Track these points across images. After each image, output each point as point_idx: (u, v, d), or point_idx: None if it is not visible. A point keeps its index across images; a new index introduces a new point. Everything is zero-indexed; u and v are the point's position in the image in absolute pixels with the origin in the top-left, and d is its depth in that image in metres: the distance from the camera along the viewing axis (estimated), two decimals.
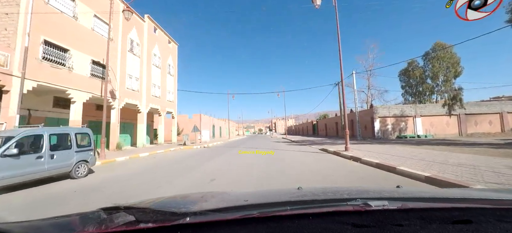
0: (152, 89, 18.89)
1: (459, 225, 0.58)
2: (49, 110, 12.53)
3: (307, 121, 60.07)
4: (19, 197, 4.33)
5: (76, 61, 11.73)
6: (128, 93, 15.81)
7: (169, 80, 22.13)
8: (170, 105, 21.99)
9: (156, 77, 19.61)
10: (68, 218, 0.83)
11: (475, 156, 6.91)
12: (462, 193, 1.16)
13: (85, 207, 3.46)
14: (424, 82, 24.06)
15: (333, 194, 1.11)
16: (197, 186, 4.90)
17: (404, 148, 10.44)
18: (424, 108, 21.33)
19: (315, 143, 17.18)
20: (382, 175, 5.34)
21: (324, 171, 6.02)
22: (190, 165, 8.00)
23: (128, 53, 16.06)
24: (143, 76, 17.68)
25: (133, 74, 16.50)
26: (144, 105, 17.55)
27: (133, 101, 16.25)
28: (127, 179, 5.86)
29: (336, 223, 0.60)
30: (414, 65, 24.87)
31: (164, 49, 21.36)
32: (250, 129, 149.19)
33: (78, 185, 5.26)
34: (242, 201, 0.92)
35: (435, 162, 6.22)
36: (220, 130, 45.89)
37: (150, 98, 18.48)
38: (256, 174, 5.80)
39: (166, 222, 0.64)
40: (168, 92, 21.61)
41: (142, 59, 17.60)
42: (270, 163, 7.72)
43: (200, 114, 32.00)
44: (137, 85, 16.93)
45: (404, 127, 20.82)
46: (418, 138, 20.22)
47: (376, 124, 20.54)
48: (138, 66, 17.18)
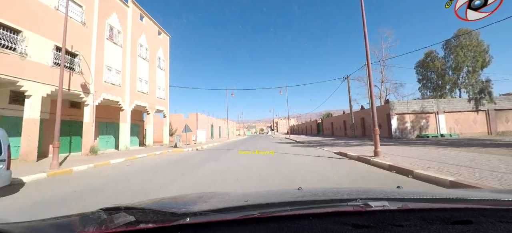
0: (138, 84, 16.63)
1: (460, 226, 0.57)
2: (4, 107, 10.31)
3: (311, 120, 57.59)
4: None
5: (33, 46, 9.46)
6: (107, 87, 13.55)
7: (160, 75, 19.86)
8: (161, 103, 19.72)
9: (143, 71, 17.35)
10: (68, 219, 0.83)
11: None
12: (462, 194, 1.13)
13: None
14: (445, 74, 21.38)
15: (333, 194, 1.09)
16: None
17: (447, 152, 8.03)
18: (448, 104, 18.81)
19: (325, 145, 14.77)
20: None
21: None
22: (164, 178, 5.68)
23: (107, 41, 13.81)
24: (127, 68, 15.42)
25: (113, 66, 14.23)
26: (127, 102, 15.29)
27: (113, 97, 13.99)
28: (58, 203, 3.65)
29: (337, 223, 0.60)
30: (432, 55, 22.22)
31: (153, 40, 19.10)
32: (251, 129, 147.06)
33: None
34: (242, 201, 0.92)
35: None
36: (219, 130, 43.61)
37: (136, 94, 16.21)
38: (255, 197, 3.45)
39: (166, 223, 0.64)
40: (158, 88, 19.34)
41: (125, 49, 15.34)
42: (275, 174, 5.40)
43: (196, 113, 29.73)
44: (119, 78, 14.67)
45: (425, 125, 18.34)
46: (442, 137, 17.74)
47: (393, 121, 18.08)
48: (120, 57, 14.92)
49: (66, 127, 13.49)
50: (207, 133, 34.52)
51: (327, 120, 39.49)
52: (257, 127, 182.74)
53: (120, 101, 14.65)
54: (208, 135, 34.80)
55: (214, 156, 10.54)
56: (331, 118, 36.70)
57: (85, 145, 11.99)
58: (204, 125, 32.86)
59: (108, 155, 11.61)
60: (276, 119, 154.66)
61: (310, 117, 75.74)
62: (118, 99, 14.46)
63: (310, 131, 53.70)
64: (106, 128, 16.47)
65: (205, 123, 34.00)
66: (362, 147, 11.58)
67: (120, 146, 14.83)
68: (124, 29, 15.38)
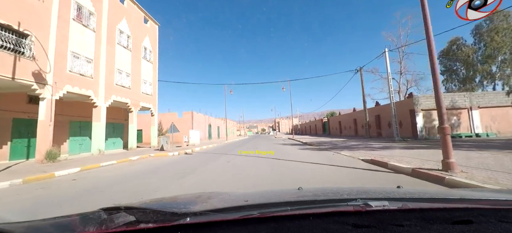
0: (117, 77, 14.13)
1: (460, 226, 0.57)
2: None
3: (315, 119, 54.80)
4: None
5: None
6: (73, 78, 11.07)
7: (146, 67, 17.36)
8: (148, 99, 17.23)
9: (124, 62, 14.85)
10: (69, 219, 0.83)
11: None
12: (462, 194, 1.13)
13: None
14: (475, 64, 18.42)
15: (333, 194, 1.08)
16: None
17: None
18: (482, 98, 16.00)
19: (339, 147, 12.09)
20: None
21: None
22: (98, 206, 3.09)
23: (74, 22, 11.32)
24: (101, 57, 12.93)
25: (83, 53, 11.74)
26: (102, 97, 12.79)
27: (81, 90, 11.50)
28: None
29: (337, 223, 0.60)
30: (459, 43, 19.37)
31: (138, 27, 16.60)
32: (252, 129, 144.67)
33: None
34: (242, 201, 0.91)
35: None
36: (218, 131, 41.08)
37: (113, 88, 13.72)
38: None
39: (166, 223, 0.64)
40: (143, 82, 16.84)
41: (99, 34, 12.85)
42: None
43: (191, 111, 27.22)
44: (90, 68, 12.17)
45: (456, 122, 15.57)
46: (478, 137, 14.98)
47: (419, 119, 15.33)
48: (93, 43, 12.43)
49: (22, 127, 11.04)
50: (204, 134, 32.01)
51: (334, 119, 36.68)
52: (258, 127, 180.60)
53: (92, 95, 12.16)
54: (205, 135, 32.29)
55: (200, 164, 7.98)
56: (338, 117, 33.88)
57: (39, 149, 9.50)
58: (200, 125, 30.34)
59: (69, 163, 9.10)
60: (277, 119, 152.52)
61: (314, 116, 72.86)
62: (89, 93, 11.97)
63: (314, 131, 50.91)
64: (80, 128, 14.00)
65: (202, 123, 31.49)
66: (392, 151, 8.94)
67: (92, 149, 12.33)
68: (98, 10, 12.89)
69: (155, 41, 18.96)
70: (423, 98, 15.71)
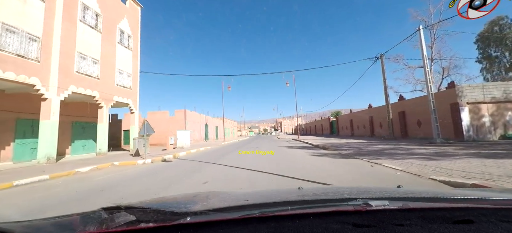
0: (79, 62, 11.16)
1: (460, 225, 0.57)
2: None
3: (321, 118, 51.46)
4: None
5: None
6: (7, 61, 8.11)
7: (123, 55, 14.37)
8: (125, 93, 14.25)
9: (90, 45, 11.87)
10: (69, 218, 0.82)
11: None
12: (463, 193, 1.07)
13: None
14: None
15: (334, 194, 1.10)
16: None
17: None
18: None
19: (369, 154, 8.91)
20: None
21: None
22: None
23: None
24: (54, 36, 9.96)
25: (22, 26, 8.77)
26: (53, 87, 9.81)
27: (21, 78, 8.53)
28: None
29: (337, 223, 0.59)
30: (502, 23, 15.97)
31: (112, 5, 13.64)
32: (254, 130, 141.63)
33: None
34: (242, 201, 0.92)
35: None
36: (216, 131, 38.08)
37: (72, 76, 10.74)
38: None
39: (167, 222, 0.64)
40: (119, 72, 13.86)
41: (50, 6, 9.89)
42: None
43: (184, 110, 24.21)
44: (34, 48, 9.21)
45: (511, 119, 12.26)
46: None
47: (464, 115, 12.03)
48: (40, 16, 9.46)
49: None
50: (200, 134, 29.01)
51: (344, 118, 33.30)
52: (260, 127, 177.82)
53: (37, 84, 9.19)
54: (201, 136, 29.30)
55: (167, 182, 4.89)
56: (349, 115, 30.50)
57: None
58: (196, 125, 27.35)
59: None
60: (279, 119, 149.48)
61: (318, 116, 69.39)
62: (32, 82, 9.00)
63: (321, 131, 47.55)
64: (32, 127, 11.05)
65: (198, 123, 28.50)
66: (457, 161, 5.73)
67: (39, 156, 9.34)
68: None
69: (136, 25, 15.98)
70: (468, 88, 12.38)
